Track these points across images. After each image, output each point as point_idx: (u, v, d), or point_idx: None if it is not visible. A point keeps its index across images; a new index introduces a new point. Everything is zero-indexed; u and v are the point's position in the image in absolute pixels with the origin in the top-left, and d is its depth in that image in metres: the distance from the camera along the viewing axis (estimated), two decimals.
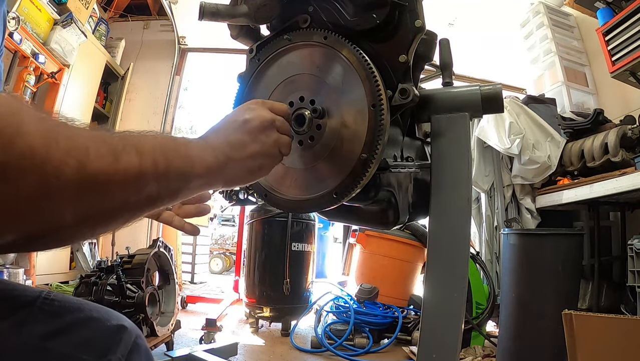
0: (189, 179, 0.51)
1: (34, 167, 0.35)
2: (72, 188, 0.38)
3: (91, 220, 0.42)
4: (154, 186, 0.46)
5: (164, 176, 0.47)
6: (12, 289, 0.49)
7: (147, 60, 4.46)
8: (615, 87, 2.98)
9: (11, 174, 0.34)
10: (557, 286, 1.97)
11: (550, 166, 2.66)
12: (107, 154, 0.41)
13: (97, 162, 0.40)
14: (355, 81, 0.72)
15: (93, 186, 0.40)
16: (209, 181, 0.54)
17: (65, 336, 0.47)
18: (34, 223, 0.38)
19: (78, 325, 0.49)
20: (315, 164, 0.74)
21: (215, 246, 7.94)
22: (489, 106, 0.80)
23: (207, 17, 0.77)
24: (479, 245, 3.08)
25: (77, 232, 0.43)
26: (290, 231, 2.91)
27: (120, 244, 3.14)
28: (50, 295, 0.50)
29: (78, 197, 0.39)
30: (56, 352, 0.46)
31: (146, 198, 0.46)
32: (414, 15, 0.74)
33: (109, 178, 0.41)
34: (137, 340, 0.52)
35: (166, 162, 0.47)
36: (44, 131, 0.37)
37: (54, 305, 0.49)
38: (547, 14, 3.41)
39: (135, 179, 0.44)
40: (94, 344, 0.49)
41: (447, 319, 0.74)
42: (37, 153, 0.35)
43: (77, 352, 0.47)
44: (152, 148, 0.46)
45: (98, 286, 1.85)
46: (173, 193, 0.50)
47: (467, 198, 0.78)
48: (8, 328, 0.44)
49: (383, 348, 2.51)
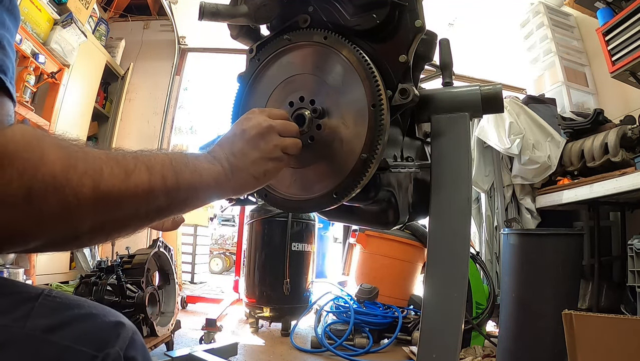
0: (197, 190, 0.57)
1: (55, 191, 0.42)
2: (89, 205, 0.44)
3: (107, 229, 0.49)
4: (163, 199, 0.52)
5: (174, 189, 0.53)
6: (16, 285, 0.52)
7: (147, 60, 4.46)
8: (615, 87, 2.98)
9: (35, 197, 0.41)
10: (557, 286, 1.97)
11: (550, 166, 2.66)
12: (120, 173, 0.48)
13: (110, 181, 0.46)
14: (355, 81, 0.72)
15: (107, 201, 0.46)
16: (218, 190, 0.60)
17: (66, 329, 0.49)
18: (55, 234, 0.45)
19: (78, 320, 0.51)
20: (315, 164, 0.74)
21: (215, 246, 7.93)
22: (489, 106, 0.80)
23: (207, 17, 0.77)
24: (479, 245, 3.08)
25: (94, 238, 0.50)
26: (290, 231, 2.91)
27: (120, 244, 3.14)
28: (52, 293, 0.53)
29: (94, 212, 0.46)
30: (57, 344, 0.48)
31: (156, 208, 0.52)
32: (414, 15, 0.74)
33: (121, 194, 0.47)
34: (134, 336, 0.54)
35: (175, 176, 0.53)
36: (64, 158, 0.43)
37: (56, 301, 0.52)
38: (547, 14, 3.41)
39: (145, 194, 0.50)
40: (93, 337, 0.50)
41: (447, 319, 0.74)
42: (58, 179, 0.42)
43: (77, 344, 0.49)
44: (161, 165, 0.52)
45: (98, 286, 1.85)
46: (183, 203, 0.56)
47: (467, 198, 0.78)
48: (12, 321, 0.47)
49: (383, 348, 2.51)
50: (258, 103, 0.81)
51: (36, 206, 0.41)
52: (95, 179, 0.45)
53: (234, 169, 0.61)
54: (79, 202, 0.43)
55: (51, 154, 0.42)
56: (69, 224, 0.44)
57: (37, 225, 0.42)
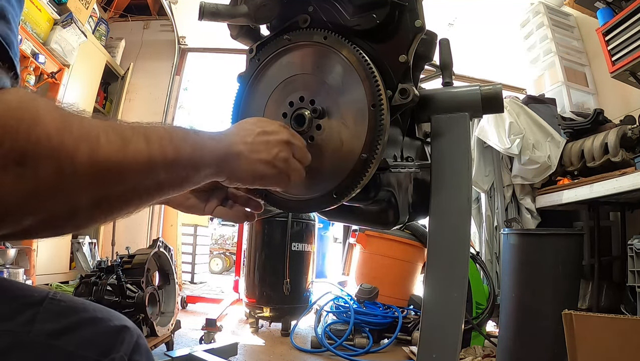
0: (198, 167, 0.54)
1: (50, 153, 0.39)
2: (84, 173, 0.41)
3: (104, 204, 0.46)
4: (162, 173, 0.50)
5: (173, 163, 0.51)
6: (20, 289, 0.52)
7: (147, 60, 4.46)
8: (615, 87, 2.98)
9: (29, 159, 0.37)
10: (557, 286, 1.97)
11: (550, 166, 2.66)
12: (117, 140, 0.44)
13: (107, 148, 0.43)
14: (355, 80, 0.72)
15: (104, 171, 0.43)
16: (216, 170, 0.58)
17: (70, 335, 0.49)
18: (51, 208, 0.41)
19: (83, 325, 0.51)
20: (315, 165, 0.74)
21: (215, 246, 7.93)
22: (489, 106, 0.80)
23: (207, 17, 0.77)
24: (479, 245, 3.08)
25: (92, 216, 0.46)
26: (290, 231, 2.91)
27: (120, 244, 3.14)
28: (57, 296, 0.52)
29: (91, 181, 0.42)
30: (62, 350, 0.48)
31: (156, 184, 0.50)
32: (414, 15, 0.74)
33: (118, 164, 0.44)
34: (139, 340, 0.54)
35: (174, 150, 0.51)
36: (59, 120, 0.40)
37: (61, 305, 0.51)
38: (547, 14, 3.41)
39: (144, 166, 0.47)
40: (98, 343, 0.50)
41: (447, 319, 0.74)
42: (53, 140, 0.39)
43: (81, 350, 0.49)
44: (159, 137, 0.49)
45: (98, 286, 1.85)
46: (183, 179, 0.53)
47: (467, 198, 0.78)
48: (18, 327, 0.46)
49: (383, 348, 2.51)
50: (258, 103, 0.81)
51: (30, 172, 0.38)
52: (92, 145, 0.42)
53: (239, 157, 0.60)
54: (75, 169, 0.40)
55: (46, 115, 0.39)
56: (66, 196, 0.41)
57: (31, 194, 0.39)
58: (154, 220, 4.17)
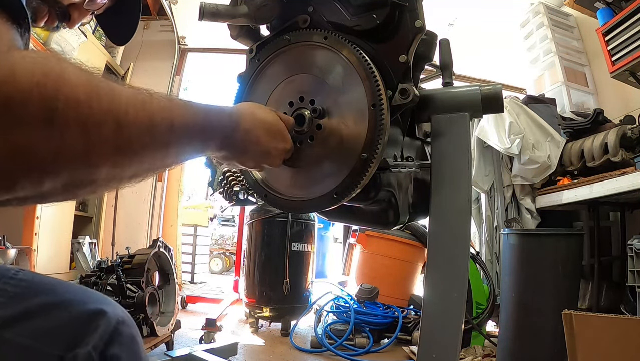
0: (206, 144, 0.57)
1: (78, 120, 0.38)
2: (109, 148, 0.41)
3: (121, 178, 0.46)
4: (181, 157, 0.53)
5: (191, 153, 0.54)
6: None
7: (147, 60, 4.45)
8: (615, 87, 2.98)
9: (58, 120, 0.36)
10: (557, 286, 1.97)
11: (550, 166, 2.66)
12: (144, 119, 0.44)
13: (134, 129, 0.42)
14: (355, 80, 0.72)
15: (127, 151, 0.43)
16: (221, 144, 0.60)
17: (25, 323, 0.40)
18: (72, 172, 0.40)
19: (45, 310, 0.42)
20: (315, 164, 0.74)
21: (215, 246, 7.92)
22: (489, 106, 0.80)
23: (207, 17, 0.77)
24: (479, 245, 3.08)
25: (108, 186, 0.46)
26: (290, 231, 2.91)
27: (120, 244, 3.14)
28: (19, 274, 0.44)
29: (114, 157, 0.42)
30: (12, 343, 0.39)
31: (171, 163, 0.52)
32: (414, 15, 0.74)
33: (143, 146, 0.44)
34: (119, 327, 0.44)
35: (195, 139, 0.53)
36: (86, 85, 0.39)
37: (20, 285, 0.43)
38: (547, 14, 3.41)
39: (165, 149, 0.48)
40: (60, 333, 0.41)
41: (447, 319, 0.74)
42: (82, 107, 0.38)
43: (38, 343, 0.40)
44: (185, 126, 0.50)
45: (98, 286, 1.85)
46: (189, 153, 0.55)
47: (467, 198, 0.78)
48: None
49: (383, 348, 2.51)
50: (258, 103, 0.81)
51: (57, 132, 0.36)
52: (119, 122, 0.40)
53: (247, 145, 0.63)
54: (100, 140, 0.39)
55: (71, 75, 0.38)
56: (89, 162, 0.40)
57: (56, 154, 0.37)
58: (154, 220, 4.16)
